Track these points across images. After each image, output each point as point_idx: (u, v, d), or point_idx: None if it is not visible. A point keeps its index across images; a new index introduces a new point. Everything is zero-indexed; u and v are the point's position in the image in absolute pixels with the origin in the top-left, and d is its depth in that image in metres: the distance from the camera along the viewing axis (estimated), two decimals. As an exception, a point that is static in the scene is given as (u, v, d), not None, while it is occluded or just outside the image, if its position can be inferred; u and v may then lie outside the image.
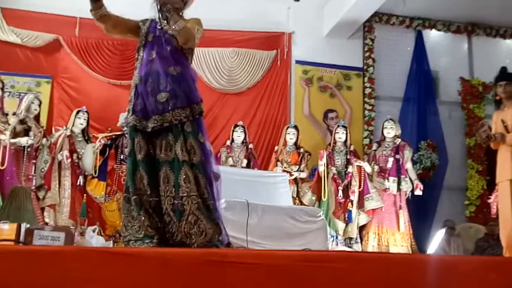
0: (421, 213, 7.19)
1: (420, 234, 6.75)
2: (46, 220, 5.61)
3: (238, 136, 6.75)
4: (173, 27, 2.90)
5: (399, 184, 6.41)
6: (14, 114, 5.63)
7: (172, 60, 2.95)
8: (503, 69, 4.81)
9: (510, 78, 4.66)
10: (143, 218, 2.78)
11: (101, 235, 5.60)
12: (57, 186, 5.81)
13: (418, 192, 6.42)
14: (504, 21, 8.40)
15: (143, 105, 2.87)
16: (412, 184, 6.48)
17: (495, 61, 7.69)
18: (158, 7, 2.90)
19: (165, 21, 2.95)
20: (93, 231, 5.24)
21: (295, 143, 6.83)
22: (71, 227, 5.38)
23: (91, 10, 2.97)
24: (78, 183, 5.94)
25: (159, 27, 2.98)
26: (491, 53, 8.53)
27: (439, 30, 8.47)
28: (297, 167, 6.67)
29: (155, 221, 2.83)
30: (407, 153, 6.60)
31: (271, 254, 2.27)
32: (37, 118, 5.89)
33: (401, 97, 8.12)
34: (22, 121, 5.58)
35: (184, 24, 2.92)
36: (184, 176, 2.80)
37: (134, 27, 2.98)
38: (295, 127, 6.92)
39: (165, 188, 2.82)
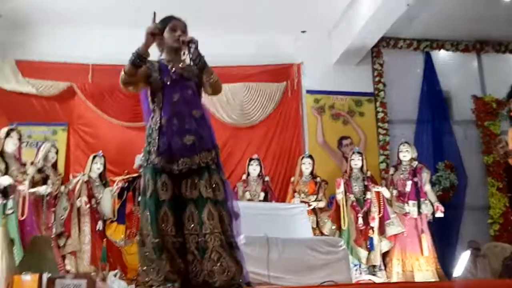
0: (444, 235, 7.07)
1: (444, 257, 6.63)
2: (68, 267, 5.63)
3: (254, 169, 6.76)
4: (211, 78, 2.98)
5: (419, 207, 6.33)
6: (32, 163, 5.72)
7: (194, 103, 3.00)
8: (514, 86, 4.80)
9: (521, 94, 4.64)
10: (164, 262, 2.76)
11: (123, 279, 5.59)
12: (77, 232, 5.85)
13: (439, 214, 6.32)
14: (512, 36, 8.39)
15: (168, 145, 2.88)
16: (433, 206, 6.39)
17: (507, 77, 7.65)
18: (195, 46, 2.91)
19: (196, 67, 2.97)
20: (115, 275, 5.26)
21: (311, 173, 6.82)
22: (93, 273, 5.40)
23: (125, 76, 2.90)
24: (97, 228, 5.98)
25: (172, 71, 3.01)
26: (501, 69, 8.50)
27: (447, 50, 8.47)
28: (315, 197, 6.64)
29: (178, 262, 2.81)
30: (425, 175, 6.53)
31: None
32: (54, 166, 6.00)
33: (414, 119, 8.09)
34: (40, 170, 5.66)
35: (217, 75, 3.01)
36: (207, 213, 2.80)
37: (145, 76, 3.01)
38: (310, 156, 6.92)
39: (190, 227, 2.82)
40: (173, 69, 3.02)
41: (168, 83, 2.97)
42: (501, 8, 7.12)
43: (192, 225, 2.81)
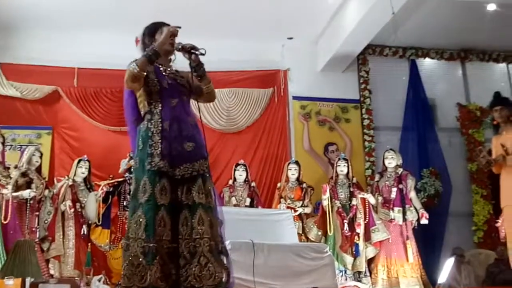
0: (429, 242, 7.12)
1: (429, 263, 6.68)
2: (51, 271, 5.56)
3: (240, 175, 6.75)
4: (209, 87, 3.04)
5: (404, 214, 6.37)
6: (15, 167, 5.66)
7: (189, 110, 3.02)
8: (497, 94, 4.86)
9: (504, 103, 4.71)
10: (154, 268, 2.70)
11: (107, 283, 5.54)
12: (61, 236, 5.78)
13: (424, 221, 6.35)
14: (495, 45, 8.50)
15: (169, 150, 2.86)
16: (418, 213, 6.43)
17: (490, 85, 7.77)
18: (193, 63, 2.92)
19: (195, 74, 2.97)
20: (99, 280, 5.21)
21: (297, 179, 6.82)
22: (77, 277, 5.35)
23: (139, 71, 2.80)
24: (82, 233, 5.90)
25: (166, 74, 3.00)
26: (485, 78, 8.63)
27: (432, 58, 8.58)
28: (301, 202, 6.65)
29: (170, 267, 2.77)
30: (410, 182, 6.57)
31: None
32: (38, 170, 5.93)
33: (400, 126, 8.16)
34: (24, 174, 5.60)
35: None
36: (198, 218, 2.80)
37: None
38: (296, 162, 6.93)
39: (183, 231, 2.80)
40: (168, 72, 3.00)
41: (166, 86, 2.95)
42: (485, 17, 7.23)
43: (186, 230, 2.80)
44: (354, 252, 6.30)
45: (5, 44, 7.36)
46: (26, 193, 5.45)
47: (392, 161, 6.64)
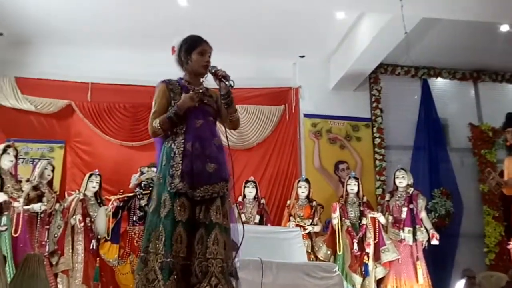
0: (439, 263, 7.04)
1: (439, 285, 6.60)
2: (59, 286, 5.57)
3: (250, 191, 6.74)
4: (234, 116, 3.07)
5: (414, 234, 6.31)
6: (27, 180, 5.71)
7: (214, 131, 3.04)
8: (509, 115, 4.84)
9: (516, 124, 4.68)
10: (170, 283, 2.71)
11: (115, 299, 5.54)
12: (70, 251, 5.79)
13: (435, 241, 6.28)
14: (509, 66, 8.50)
15: (191, 171, 2.86)
16: (428, 233, 6.36)
17: (503, 106, 7.75)
18: (223, 91, 2.93)
19: (223, 102, 2.98)
20: (107, 295, 5.20)
21: (307, 197, 6.80)
22: (84, 293, 5.35)
23: (160, 129, 2.94)
24: (91, 247, 5.91)
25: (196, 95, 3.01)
26: (498, 98, 8.59)
27: (444, 78, 8.57)
28: (310, 221, 6.62)
29: (181, 285, 2.77)
30: (421, 202, 6.51)
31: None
32: (50, 183, 5.97)
33: (411, 145, 8.13)
34: (35, 188, 5.64)
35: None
36: (213, 238, 2.80)
37: (167, 105, 3.02)
38: (307, 180, 6.92)
39: (198, 250, 2.80)
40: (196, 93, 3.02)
41: (192, 108, 2.96)
42: (498, 38, 7.23)
43: (201, 249, 2.80)
44: (363, 272, 6.23)
45: (21, 58, 7.49)
46: (37, 207, 5.48)
47: (403, 180, 6.60)
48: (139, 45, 7.41)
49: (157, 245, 2.77)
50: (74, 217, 5.89)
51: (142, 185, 6.40)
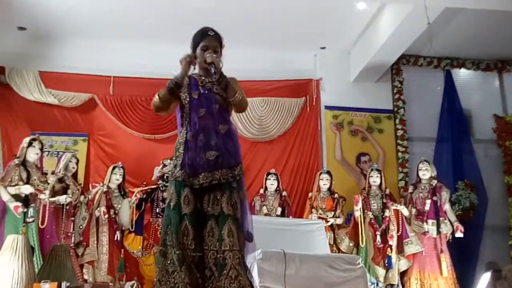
0: (463, 255, 6.97)
1: (464, 277, 6.53)
2: (85, 276, 5.66)
3: (271, 184, 6.75)
4: (234, 98, 2.99)
5: (438, 226, 6.25)
6: (53, 173, 5.80)
7: (221, 118, 3.01)
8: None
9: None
10: (183, 275, 2.73)
11: (139, 290, 5.61)
12: (95, 242, 5.88)
13: (459, 234, 6.22)
14: (534, 56, 8.34)
15: (192, 160, 2.89)
16: (452, 226, 6.30)
17: (528, 97, 7.62)
18: (214, 70, 2.92)
19: (219, 85, 2.98)
20: (131, 286, 5.28)
21: (329, 189, 6.79)
22: (110, 283, 5.43)
23: (160, 101, 3.02)
24: (115, 238, 5.99)
25: (202, 84, 3.03)
26: (523, 89, 8.44)
27: (468, 68, 8.44)
28: (333, 213, 6.60)
29: (196, 277, 2.79)
30: (445, 194, 6.45)
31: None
32: (74, 176, 6.06)
33: (434, 137, 8.04)
34: (60, 180, 5.73)
35: (243, 93, 3.03)
36: (228, 230, 2.80)
37: (177, 97, 3.04)
38: (328, 172, 6.89)
39: (210, 242, 2.82)
40: (204, 83, 3.04)
41: (196, 97, 2.99)
42: (523, 28, 7.09)
43: (212, 241, 2.81)
44: (386, 265, 6.20)
45: (45, 52, 7.57)
46: (62, 199, 5.57)
47: (426, 172, 6.53)
48: (160, 37, 7.44)
49: (172, 238, 2.81)
50: (98, 209, 5.97)
51: (165, 177, 6.46)
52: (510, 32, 7.33)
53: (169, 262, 2.80)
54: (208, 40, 3.06)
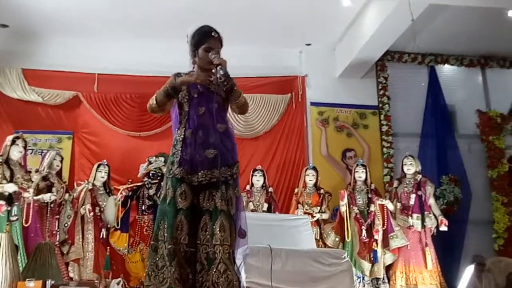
0: (448, 249, 7.04)
1: (448, 271, 6.59)
2: (71, 274, 5.63)
3: (258, 180, 6.76)
4: (238, 101, 3.02)
5: (423, 220, 6.32)
6: (37, 171, 5.76)
7: (220, 117, 3.01)
8: (515, 101, 4.81)
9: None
10: (173, 270, 2.74)
11: (125, 287, 5.59)
12: (81, 240, 5.86)
13: (444, 228, 6.30)
14: (516, 52, 8.43)
15: (191, 157, 2.90)
16: (437, 220, 6.37)
17: (511, 92, 7.69)
18: (222, 73, 2.84)
19: (224, 85, 2.91)
20: (118, 283, 5.26)
21: (315, 184, 6.82)
22: (96, 281, 5.40)
23: (156, 105, 3.00)
24: (101, 236, 5.97)
25: (201, 83, 3.00)
26: (506, 84, 8.53)
27: (452, 64, 8.51)
28: (319, 208, 6.63)
29: (186, 272, 2.80)
30: (429, 188, 6.52)
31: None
32: (59, 174, 6.02)
33: (419, 133, 8.10)
34: (44, 178, 5.68)
35: (244, 97, 3.06)
36: (220, 225, 2.81)
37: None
38: (314, 168, 6.93)
39: (202, 237, 2.82)
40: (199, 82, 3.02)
41: (196, 95, 2.99)
42: (505, 24, 7.15)
43: (205, 236, 2.82)
44: (372, 259, 6.25)
45: (28, 50, 7.51)
46: (47, 197, 5.52)
47: (411, 167, 6.59)
48: (145, 35, 7.41)
49: (164, 233, 2.81)
50: (83, 206, 5.95)
51: (150, 174, 6.45)
52: (493, 28, 7.41)
53: (159, 257, 2.80)
54: (212, 42, 3.02)
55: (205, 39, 3.02)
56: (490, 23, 7.25)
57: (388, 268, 6.37)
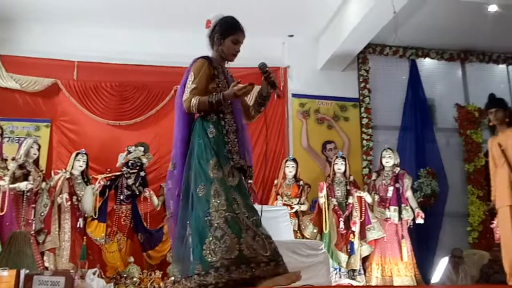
0: (423, 241, 7.15)
1: (423, 263, 6.70)
2: (46, 264, 5.59)
3: (237, 171, 6.74)
4: (260, 111, 3.19)
5: (400, 213, 6.39)
6: (13, 159, 5.68)
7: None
8: (491, 96, 4.86)
9: (499, 104, 4.71)
10: (234, 236, 2.63)
11: (101, 277, 5.56)
12: (57, 229, 5.82)
13: (420, 220, 6.39)
14: (496, 46, 8.50)
15: (244, 149, 2.98)
16: (413, 212, 6.45)
17: (490, 87, 7.81)
18: (277, 93, 3.07)
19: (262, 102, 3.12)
20: (94, 273, 5.22)
21: (295, 176, 6.84)
22: (71, 270, 5.36)
23: (198, 110, 2.93)
24: (78, 226, 5.94)
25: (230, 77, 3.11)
26: (485, 79, 8.62)
27: (432, 58, 8.57)
28: (297, 200, 6.66)
29: (247, 236, 2.70)
30: (407, 181, 6.59)
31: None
32: (36, 162, 5.93)
33: (398, 126, 8.16)
34: (21, 166, 5.62)
35: None
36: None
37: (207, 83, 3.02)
38: (294, 159, 6.95)
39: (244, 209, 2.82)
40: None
41: None
42: (486, 18, 7.20)
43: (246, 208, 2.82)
44: (349, 250, 6.32)
45: (6, 36, 7.36)
46: (23, 185, 5.47)
47: (389, 160, 6.66)
48: (126, 23, 7.32)
49: (216, 202, 2.72)
50: (60, 196, 5.90)
51: (129, 164, 6.42)
52: (474, 22, 7.45)
53: (215, 228, 2.67)
54: (240, 34, 3.15)
55: (234, 31, 3.14)
56: (471, 18, 7.30)
57: (364, 259, 6.45)
